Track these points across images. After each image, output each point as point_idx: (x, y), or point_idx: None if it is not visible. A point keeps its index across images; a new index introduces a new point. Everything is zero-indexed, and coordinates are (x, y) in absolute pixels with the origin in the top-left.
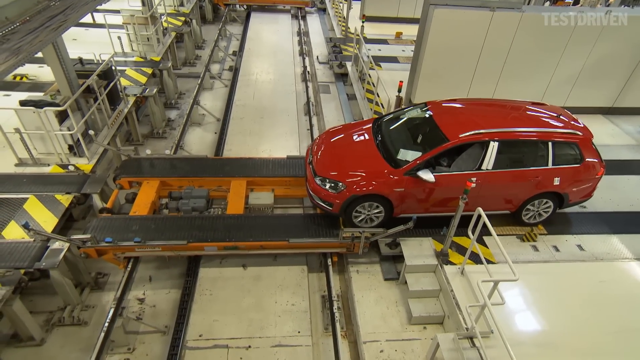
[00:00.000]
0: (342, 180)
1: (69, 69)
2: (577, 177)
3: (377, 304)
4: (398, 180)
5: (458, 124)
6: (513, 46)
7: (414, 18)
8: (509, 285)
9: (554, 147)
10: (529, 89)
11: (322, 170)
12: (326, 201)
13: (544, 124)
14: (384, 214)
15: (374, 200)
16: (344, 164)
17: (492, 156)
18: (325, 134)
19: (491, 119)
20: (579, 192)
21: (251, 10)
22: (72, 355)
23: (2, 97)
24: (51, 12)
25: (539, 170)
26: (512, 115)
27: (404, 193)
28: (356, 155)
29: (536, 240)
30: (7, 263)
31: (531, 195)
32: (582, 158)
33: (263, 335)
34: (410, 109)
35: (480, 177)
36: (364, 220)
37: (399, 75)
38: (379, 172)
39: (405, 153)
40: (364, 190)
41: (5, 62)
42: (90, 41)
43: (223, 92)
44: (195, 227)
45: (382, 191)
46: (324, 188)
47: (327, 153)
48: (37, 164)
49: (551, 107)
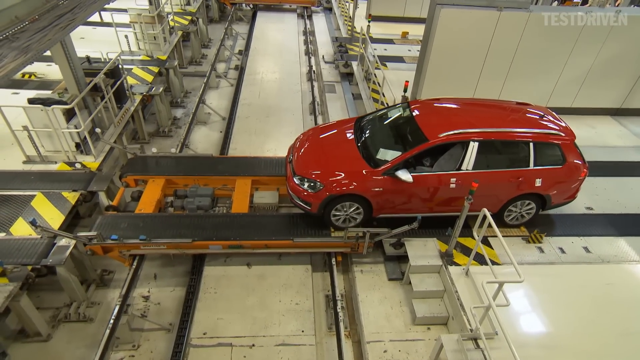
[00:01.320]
0: (320, 179)
1: (76, 67)
2: (559, 179)
3: (381, 304)
4: (376, 180)
5: (438, 123)
6: (520, 46)
7: (420, 18)
8: (514, 286)
9: (535, 148)
10: (536, 89)
11: (301, 169)
12: (305, 200)
13: (526, 125)
14: (363, 214)
15: (352, 200)
16: (323, 163)
17: (472, 157)
18: (307, 133)
19: (473, 119)
20: (562, 194)
21: (257, 9)
22: (78, 352)
23: (11, 95)
24: (59, 10)
25: (520, 171)
26: (495, 116)
27: (383, 193)
28: (336, 155)
29: (542, 241)
30: (14, 259)
31: (513, 196)
32: (565, 159)
33: (267, 334)
34: (392, 108)
35: (460, 178)
36: (342, 220)
37: (404, 75)
38: (357, 172)
39: (385, 153)
40: (341, 190)
41: (14, 60)
42: (98, 40)
43: (229, 91)
44: (200, 226)
45: (360, 191)
46: (303, 187)
47: (307, 152)
48: (45, 161)
49: (536, 108)
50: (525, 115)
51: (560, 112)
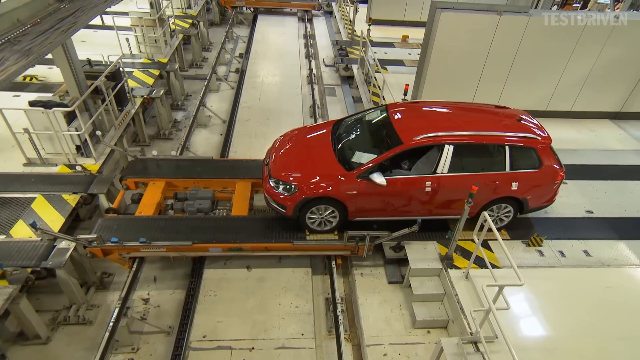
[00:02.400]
0: (295, 182)
1: (77, 70)
2: (535, 182)
3: (381, 307)
4: (351, 183)
5: (414, 127)
6: (520, 50)
7: (420, 21)
8: (514, 290)
9: (511, 151)
10: (535, 92)
11: (276, 172)
12: (280, 204)
13: (502, 128)
14: (339, 218)
15: (327, 204)
16: (298, 166)
17: (447, 160)
18: (285, 135)
19: (450, 122)
20: (539, 197)
21: (258, 12)
22: (77, 354)
23: (12, 98)
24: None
25: (496, 175)
26: (472, 119)
27: (358, 196)
28: (312, 158)
29: (542, 245)
30: (14, 261)
31: (489, 200)
32: (541, 163)
33: (267, 337)
34: (370, 111)
35: (435, 181)
36: (318, 223)
37: (405, 78)
38: (332, 175)
39: (360, 156)
40: (316, 193)
41: (16, 63)
42: (99, 43)
43: (229, 94)
44: (200, 228)
45: (335, 194)
46: (278, 190)
47: (283, 155)
48: (45, 163)
49: (514, 111)
50: (503, 118)
51: (560, 116)
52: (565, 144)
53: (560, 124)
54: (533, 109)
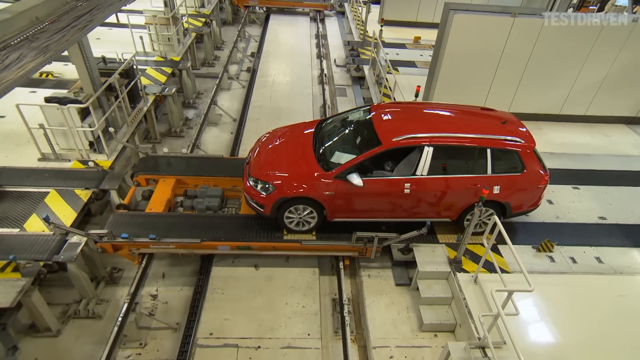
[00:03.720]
0: (272, 181)
1: (92, 67)
2: (518, 186)
3: (388, 309)
4: (328, 183)
5: (395, 128)
6: (534, 53)
7: (433, 23)
8: (524, 295)
9: (492, 154)
10: (549, 96)
11: (255, 170)
12: (258, 202)
13: (485, 131)
14: (317, 218)
15: (305, 204)
16: (277, 166)
17: (427, 162)
18: (268, 134)
19: (432, 124)
20: (522, 202)
21: (270, 12)
22: (86, 348)
23: (29, 94)
24: (78, 12)
25: (477, 178)
26: (455, 121)
27: (336, 197)
28: (291, 157)
29: (552, 250)
30: (27, 255)
31: (470, 203)
32: (524, 166)
33: (273, 336)
34: (354, 111)
35: (415, 183)
36: (296, 223)
37: (416, 79)
38: (309, 175)
39: (339, 156)
40: (293, 193)
41: (33, 60)
42: (114, 40)
43: (240, 92)
44: (209, 226)
45: (312, 194)
46: (256, 189)
47: (264, 153)
48: (59, 159)
49: (499, 113)
50: (487, 121)
51: (574, 120)
52: (578, 149)
53: (574, 128)
54: (546, 112)
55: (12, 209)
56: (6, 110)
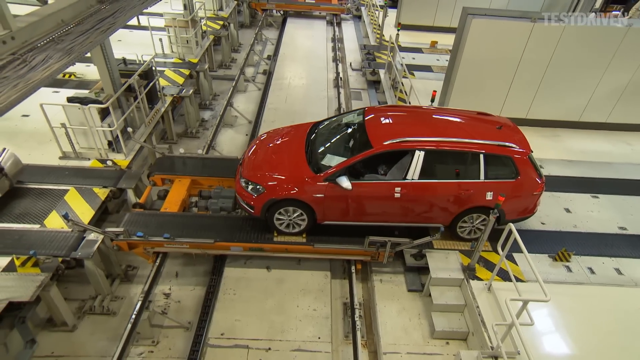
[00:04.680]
0: (262, 183)
1: (113, 68)
2: (512, 193)
3: (400, 315)
4: (318, 186)
5: (387, 131)
6: (553, 59)
7: (450, 27)
8: (538, 305)
9: (485, 159)
10: (568, 102)
11: (247, 172)
12: (248, 203)
13: (479, 136)
14: (307, 221)
15: (294, 205)
16: (268, 167)
17: (418, 166)
18: (262, 136)
19: (425, 128)
20: (517, 209)
21: (287, 15)
22: (100, 344)
23: (52, 94)
24: (102, 15)
25: (469, 184)
26: (448, 125)
27: (325, 200)
28: (283, 159)
29: (570, 260)
30: (47, 250)
31: (462, 209)
32: (518, 173)
33: (283, 339)
34: (348, 114)
35: (405, 188)
36: (286, 225)
37: (432, 84)
38: (299, 177)
39: (331, 159)
40: (283, 194)
41: (58, 61)
42: (134, 42)
43: (256, 95)
44: (222, 227)
45: (302, 196)
46: (247, 190)
47: (257, 155)
48: (79, 157)
49: (496, 118)
50: (482, 126)
51: (594, 128)
52: (598, 157)
53: (594, 135)
54: (564, 119)
55: (34, 206)
56: (31, 109)
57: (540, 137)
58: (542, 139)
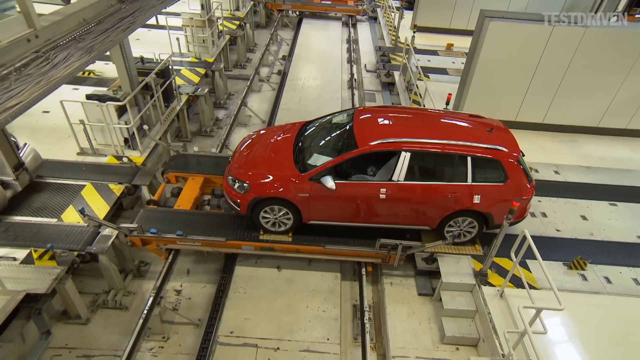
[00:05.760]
0: (248, 180)
1: (131, 67)
2: (500, 197)
3: (409, 318)
4: (303, 185)
5: (374, 131)
6: (573, 63)
7: (467, 30)
8: (552, 314)
9: (473, 162)
10: (587, 108)
11: (234, 169)
12: (234, 201)
13: (467, 138)
14: (293, 220)
15: (279, 204)
16: (255, 165)
17: (404, 167)
18: (253, 134)
19: (413, 129)
20: (505, 213)
21: (303, 16)
22: (113, 337)
23: (72, 91)
24: (122, 14)
25: (456, 186)
26: (439, 127)
27: (310, 199)
28: (270, 157)
29: (585, 268)
30: (63, 244)
31: (449, 212)
32: (506, 176)
33: (292, 339)
34: (338, 114)
35: (391, 189)
36: (272, 223)
37: (447, 87)
38: (285, 176)
39: (317, 158)
40: (267, 193)
41: (79, 59)
42: (152, 41)
43: (270, 95)
44: (234, 225)
45: (287, 195)
46: (233, 188)
47: (245, 153)
48: (96, 154)
49: (488, 120)
50: (472, 128)
51: (614, 134)
52: (617, 164)
53: (614, 142)
54: (583, 124)
55: (52, 200)
56: (51, 106)
57: (558, 143)
58: (559, 144)
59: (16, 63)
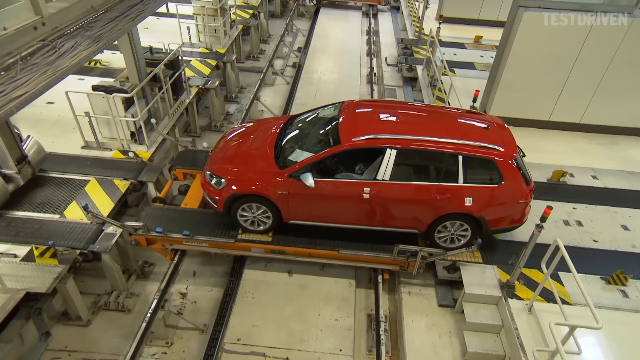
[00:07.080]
0: (225, 176)
1: (139, 57)
2: (495, 200)
3: (428, 331)
4: (282, 182)
5: (360, 127)
6: (616, 58)
7: (497, 21)
8: (587, 332)
9: (464, 161)
10: (630, 107)
11: (212, 164)
12: (212, 198)
13: (460, 135)
14: (272, 219)
15: (258, 202)
16: (233, 160)
17: (389, 165)
18: (235, 129)
19: (402, 125)
20: (501, 217)
21: (321, 5)
22: (114, 341)
23: (77, 81)
24: (131, 1)
25: (446, 187)
26: (430, 123)
27: (290, 197)
28: (251, 153)
29: (626, 284)
30: (65, 242)
31: (439, 215)
32: (501, 178)
33: (302, 349)
34: (325, 108)
35: (375, 188)
36: (250, 222)
37: (474, 83)
38: (264, 172)
39: (299, 154)
40: (245, 189)
41: (87, 48)
42: (161, 30)
43: (284, 89)
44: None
45: (264, 192)
46: (210, 183)
47: (225, 147)
48: (101, 148)
49: (487, 117)
50: (467, 125)
51: None
52: None
53: None
54: (626, 125)
55: (54, 195)
56: (56, 96)
57: (596, 145)
58: (598, 146)
59: (22, 52)
